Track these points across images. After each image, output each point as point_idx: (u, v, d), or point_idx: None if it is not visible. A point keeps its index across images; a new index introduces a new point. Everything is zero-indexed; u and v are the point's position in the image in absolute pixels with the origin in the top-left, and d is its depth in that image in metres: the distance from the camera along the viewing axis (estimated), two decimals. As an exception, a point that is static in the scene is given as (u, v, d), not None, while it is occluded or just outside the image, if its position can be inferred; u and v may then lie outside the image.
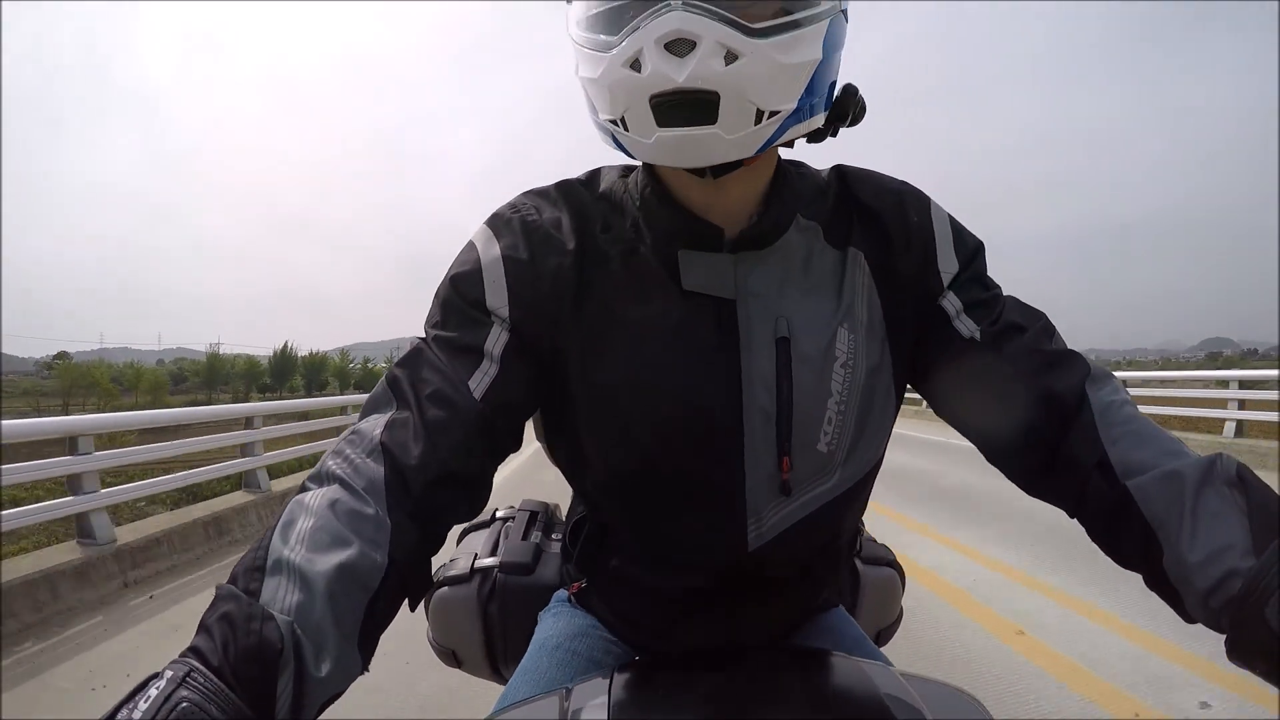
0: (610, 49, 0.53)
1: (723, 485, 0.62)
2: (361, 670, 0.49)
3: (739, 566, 0.65)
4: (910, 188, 0.68)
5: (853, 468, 0.64)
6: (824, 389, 0.61)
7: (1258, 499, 0.50)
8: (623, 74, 0.52)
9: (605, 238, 0.63)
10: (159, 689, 0.38)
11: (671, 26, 0.49)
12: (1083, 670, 2.51)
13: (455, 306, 0.61)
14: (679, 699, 0.56)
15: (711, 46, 0.50)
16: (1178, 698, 2.27)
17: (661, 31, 0.50)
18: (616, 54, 0.52)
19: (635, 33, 0.51)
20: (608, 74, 0.53)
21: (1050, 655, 2.65)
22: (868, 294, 0.64)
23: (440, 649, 0.93)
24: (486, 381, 0.59)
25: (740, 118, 0.52)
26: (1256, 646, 0.45)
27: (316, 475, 0.54)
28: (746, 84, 0.51)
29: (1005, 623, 2.98)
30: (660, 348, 0.61)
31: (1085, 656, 2.62)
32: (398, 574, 0.51)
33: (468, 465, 0.57)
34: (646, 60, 0.51)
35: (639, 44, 0.51)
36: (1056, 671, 2.50)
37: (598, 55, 0.54)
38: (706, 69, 0.50)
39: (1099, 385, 0.60)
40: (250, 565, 0.47)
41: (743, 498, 0.62)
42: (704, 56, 0.50)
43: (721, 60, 0.50)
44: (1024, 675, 2.49)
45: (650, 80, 0.51)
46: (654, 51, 0.50)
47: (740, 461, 0.61)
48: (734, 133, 0.52)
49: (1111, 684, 2.39)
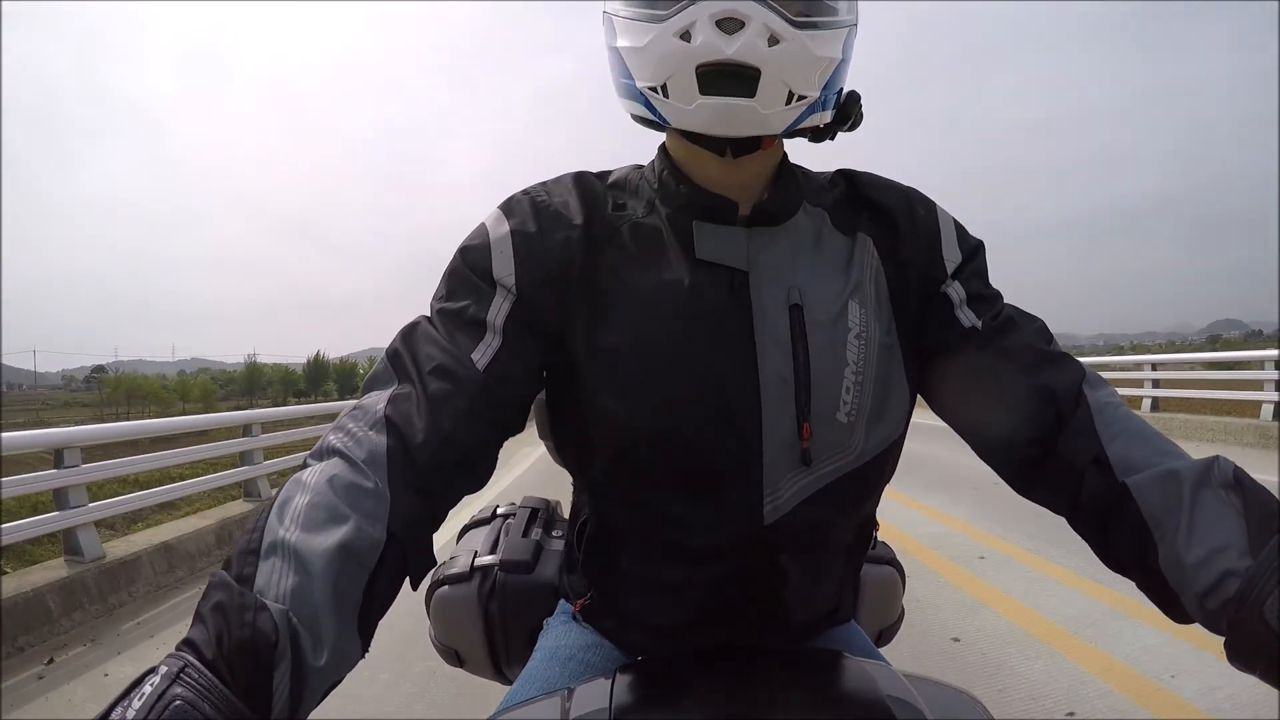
0: (660, 20, 0.57)
1: (738, 453, 0.61)
2: (361, 654, 0.48)
3: (752, 546, 0.63)
4: (915, 190, 0.71)
5: (872, 443, 0.64)
6: (840, 358, 0.62)
7: (1255, 501, 0.50)
8: (673, 43, 0.56)
9: (616, 216, 0.66)
10: (153, 685, 0.38)
11: (727, 5, 0.54)
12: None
13: (461, 277, 0.63)
14: (681, 700, 0.56)
15: (759, 28, 0.54)
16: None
17: (717, 9, 0.54)
18: (669, 24, 0.56)
19: (691, 6, 0.55)
20: (657, 42, 0.57)
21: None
22: (876, 275, 0.66)
23: (443, 648, 0.93)
24: (489, 353, 0.59)
25: (775, 95, 0.56)
26: (1256, 647, 0.45)
27: (317, 451, 0.54)
28: (785, 66, 0.56)
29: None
30: (671, 313, 0.61)
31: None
32: (397, 549, 0.50)
33: (471, 437, 0.57)
34: (698, 32, 0.55)
35: (693, 17, 0.55)
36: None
37: (645, 25, 0.58)
38: (752, 46, 0.54)
39: (1095, 387, 0.61)
40: (245, 548, 0.46)
41: (759, 467, 0.61)
42: (752, 35, 0.54)
43: (765, 41, 0.55)
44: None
45: (700, 49, 0.55)
46: (706, 25, 0.54)
47: (759, 428, 0.61)
48: (769, 108, 0.57)
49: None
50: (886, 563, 0.98)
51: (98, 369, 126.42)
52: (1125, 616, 2.95)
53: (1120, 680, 2.44)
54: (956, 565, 3.84)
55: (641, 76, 0.59)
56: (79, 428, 4.24)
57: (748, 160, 0.63)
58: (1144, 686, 2.38)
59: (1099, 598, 3.18)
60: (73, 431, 4.04)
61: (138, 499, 4.62)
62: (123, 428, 5.01)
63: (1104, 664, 2.57)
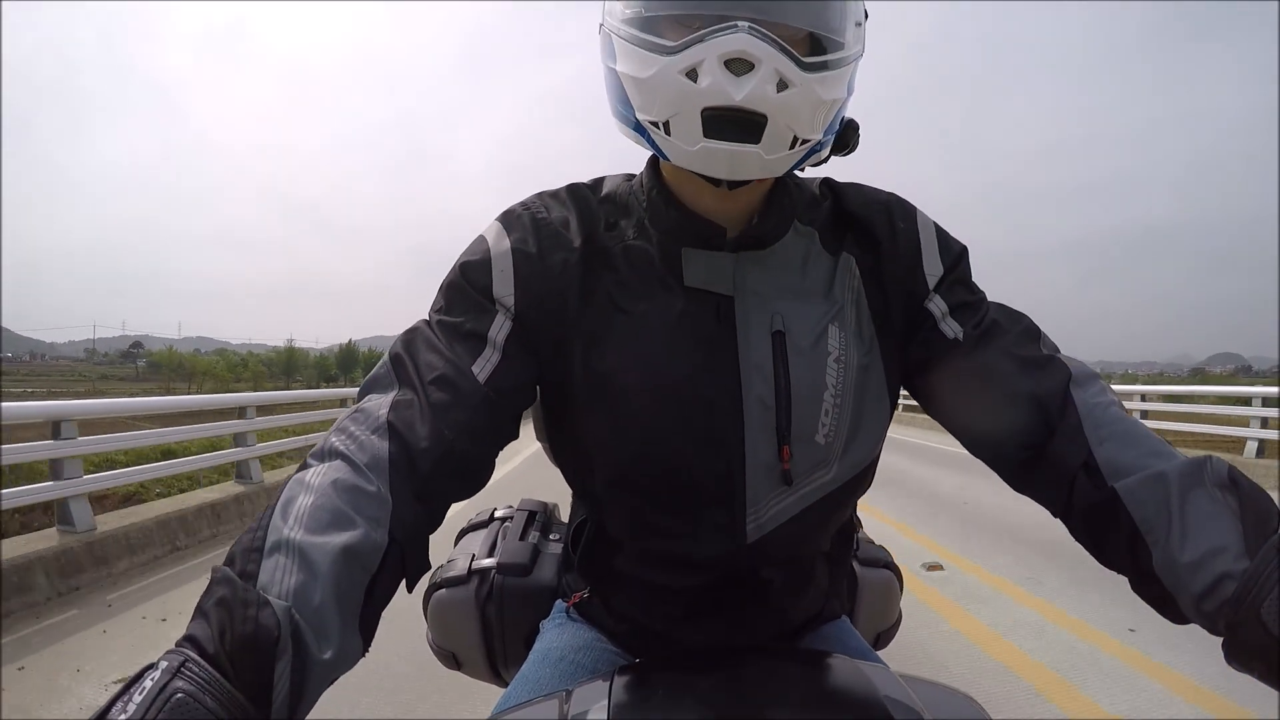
0: (667, 53, 0.54)
1: (723, 474, 0.63)
2: (361, 653, 0.49)
3: (738, 560, 0.65)
4: (896, 197, 0.71)
5: (850, 461, 0.66)
6: (819, 381, 0.63)
7: (1250, 501, 0.50)
8: (678, 80, 0.53)
9: (610, 236, 0.66)
10: (154, 680, 0.38)
11: (737, 46, 0.52)
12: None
13: (462, 293, 0.63)
14: (679, 700, 0.55)
15: (769, 72, 0.52)
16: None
17: (727, 49, 0.52)
18: (675, 60, 0.53)
19: (699, 44, 0.53)
20: (661, 77, 0.54)
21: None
22: (856, 297, 0.67)
23: (440, 651, 0.93)
24: (489, 368, 0.60)
25: (780, 141, 0.55)
26: (1254, 648, 0.45)
27: (319, 452, 0.54)
28: (792, 112, 0.54)
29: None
30: (661, 339, 0.63)
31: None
32: (398, 553, 0.52)
33: (470, 446, 0.58)
34: (705, 72, 0.52)
35: (701, 56, 0.52)
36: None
37: (649, 55, 0.55)
38: (762, 92, 0.52)
39: (1084, 387, 0.61)
40: (248, 546, 0.47)
41: (743, 487, 0.63)
42: (761, 80, 0.52)
43: (774, 86, 0.53)
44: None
45: (708, 93, 0.53)
46: (714, 66, 0.52)
47: (741, 450, 0.62)
48: (772, 154, 0.55)
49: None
50: (884, 566, 0.98)
51: (135, 345, 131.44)
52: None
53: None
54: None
55: (642, 108, 0.57)
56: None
57: (742, 190, 0.63)
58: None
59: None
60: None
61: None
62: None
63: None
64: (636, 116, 0.58)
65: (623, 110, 0.60)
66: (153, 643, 2.98)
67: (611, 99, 0.61)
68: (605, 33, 0.60)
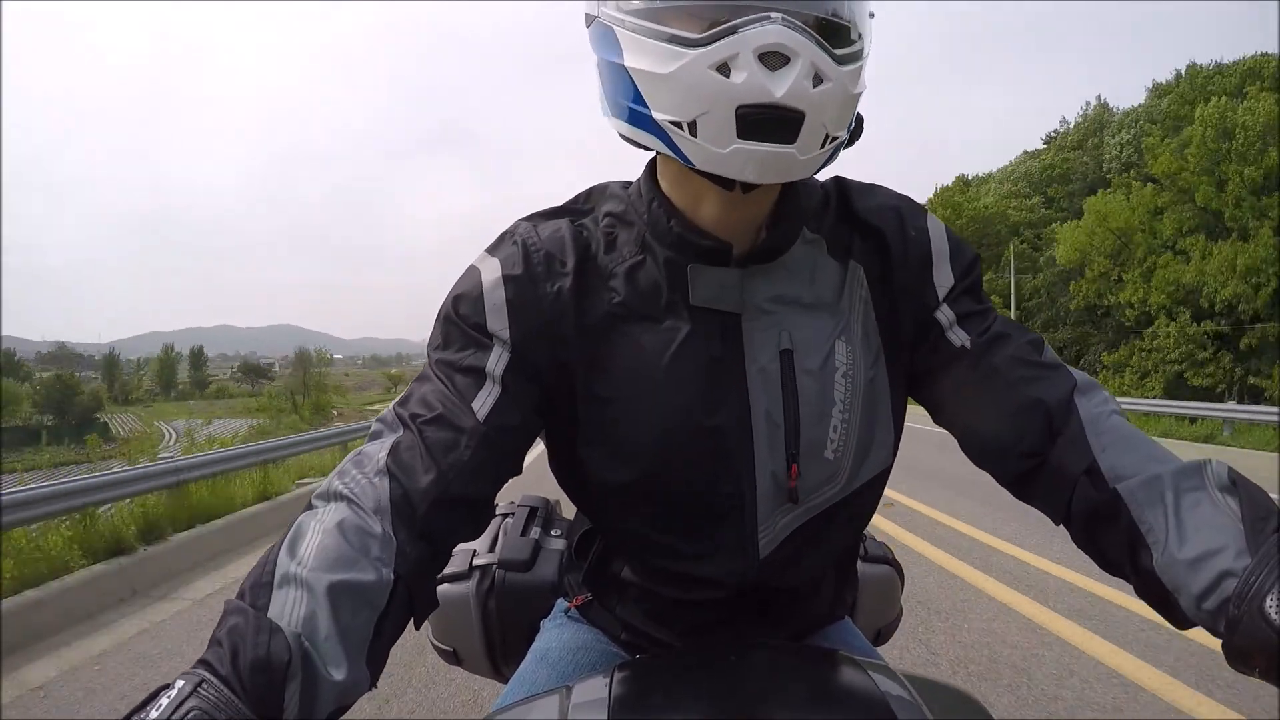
0: (693, 46, 0.50)
1: (732, 494, 0.63)
2: (370, 685, 0.50)
3: (750, 576, 0.65)
4: (908, 201, 0.69)
5: (860, 475, 0.65)
6: (828, 397, 0.62)
7: (1250, 501, 0.50)
8: (709, 76, 0.50)
9: (609, 257, 0.64)
10: (170, 698, 0.40)
11: (773, 39, 0.49)
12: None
13: (457, 329, 0.62)
14: (679, 697, 0.56)
15: (806, 66, 0.49)
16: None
17: (762, 42, 0.49)
18: (705, 54, 0.50)
19: (731, 36, 0.49)
20: (688, 73, 0.50)
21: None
22: (864, 308, 0.66)
23: (440, 647, 0.93)
24: (490, 403, 0.59)
25: (814, 140, 0.52)
26: (1255, 646, 0.45)
27: (324, 494, 0.55)
28: (826, 108, 0.52)
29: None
30: (667, 361, 0.61)
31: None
32: (404, 591, 0.52)
33: (470, 487, 0.58)
34: (740, 67, 0.49)
35: (735, 49, 0.49)
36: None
37: (670, 49, 0.51)
38: (801, 88, 0.49)
39: (1088, 396, 0.61)
40: (258, 581, 0.48)
41: (753, 506, 0.63)
42: (800, 75, 0.49)
43: (811, 81, 0.50)
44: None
45: (744, 89, 0.49)
46: (750, 60, 0.49)
47: (751, 469, 0.62)
48: (806, 154, 0.52)
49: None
50: (884, 562, 0.98)
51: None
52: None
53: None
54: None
55: (661, 107, 0.53)
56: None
57: (753, 195, 0.58)
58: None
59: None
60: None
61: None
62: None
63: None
64: (653, 116, 0.53)
65: (630, 107, 0.55)
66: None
67: (611, 96, 0.57)
68: (602, 25, 0.56)
